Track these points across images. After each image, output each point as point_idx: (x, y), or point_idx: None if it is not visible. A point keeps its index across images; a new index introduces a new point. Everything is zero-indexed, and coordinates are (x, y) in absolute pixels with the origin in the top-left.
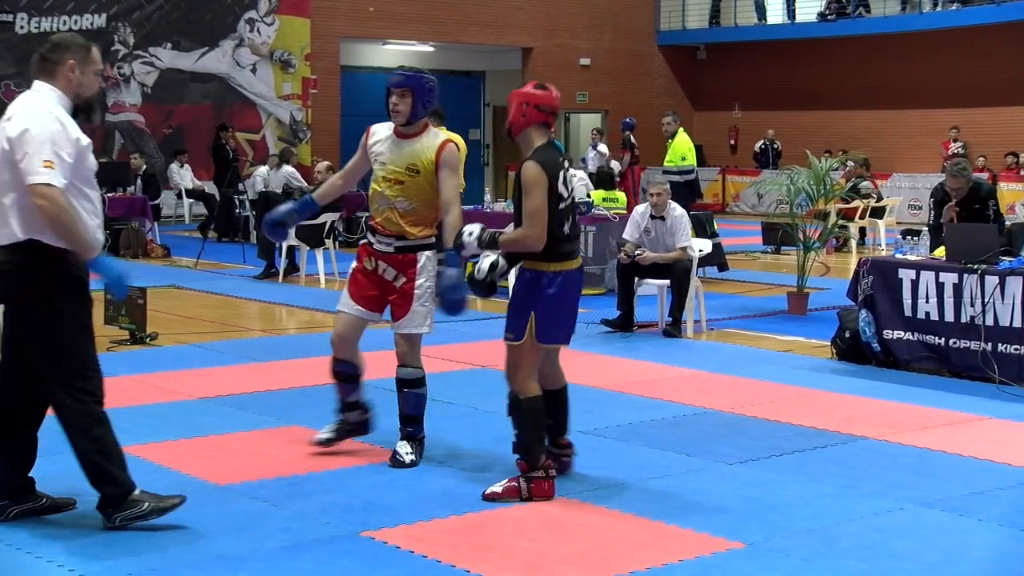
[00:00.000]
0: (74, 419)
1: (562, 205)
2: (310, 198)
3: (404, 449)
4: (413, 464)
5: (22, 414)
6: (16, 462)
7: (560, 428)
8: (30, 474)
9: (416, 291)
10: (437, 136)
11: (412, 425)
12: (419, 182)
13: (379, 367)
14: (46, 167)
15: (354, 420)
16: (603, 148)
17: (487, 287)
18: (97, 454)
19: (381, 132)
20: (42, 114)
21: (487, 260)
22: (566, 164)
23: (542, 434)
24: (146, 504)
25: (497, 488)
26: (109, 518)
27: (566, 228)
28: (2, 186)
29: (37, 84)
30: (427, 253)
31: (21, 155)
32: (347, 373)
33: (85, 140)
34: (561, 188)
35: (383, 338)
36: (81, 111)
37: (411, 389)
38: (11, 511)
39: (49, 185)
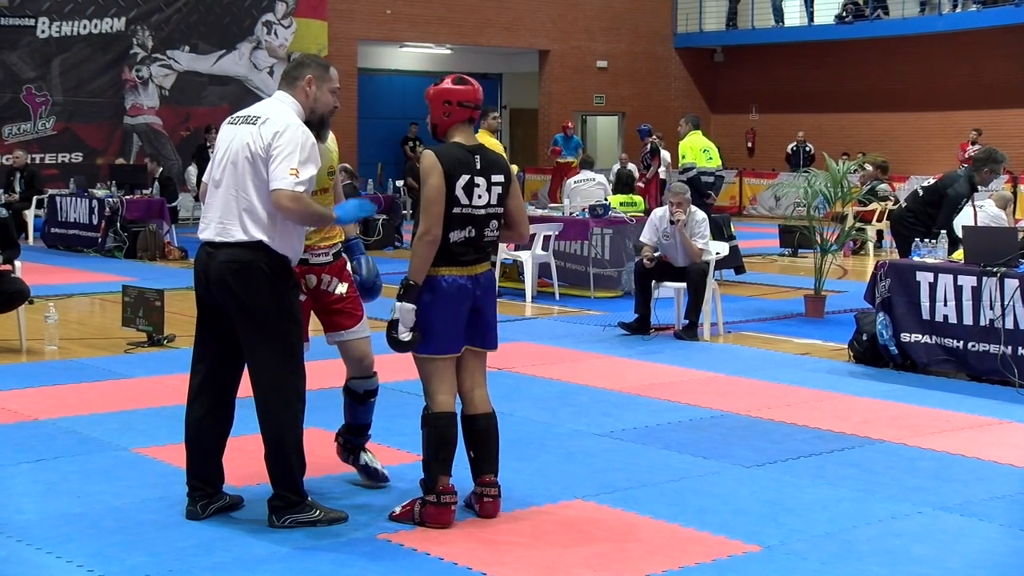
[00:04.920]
0: (283, 413)
1: (456, 210)
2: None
3: (376, 463)
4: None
5: (230, 406)
6: (218, 452)
7: (480, 463)
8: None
9: (356, 294)
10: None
11: (367, 432)
12: (336, 183)
13: (392, 370)
14: (292, 174)
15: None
16: (666, 156)
17: (416, 342)
18: (296, 454)
19: None
20: (294, 122)
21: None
22: (480, 167)
23: (443, 454)
24: (317, 511)
25: (397, 509)
26: (280, 518)
27: (456, 235)
28: (240, 185)
29: (281, 95)
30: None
31: (274, 156)
32: None
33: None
34: (459, 193)
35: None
36: (312, 126)
37: (375, 399)
38: (209, 508)
39: (293, 191)
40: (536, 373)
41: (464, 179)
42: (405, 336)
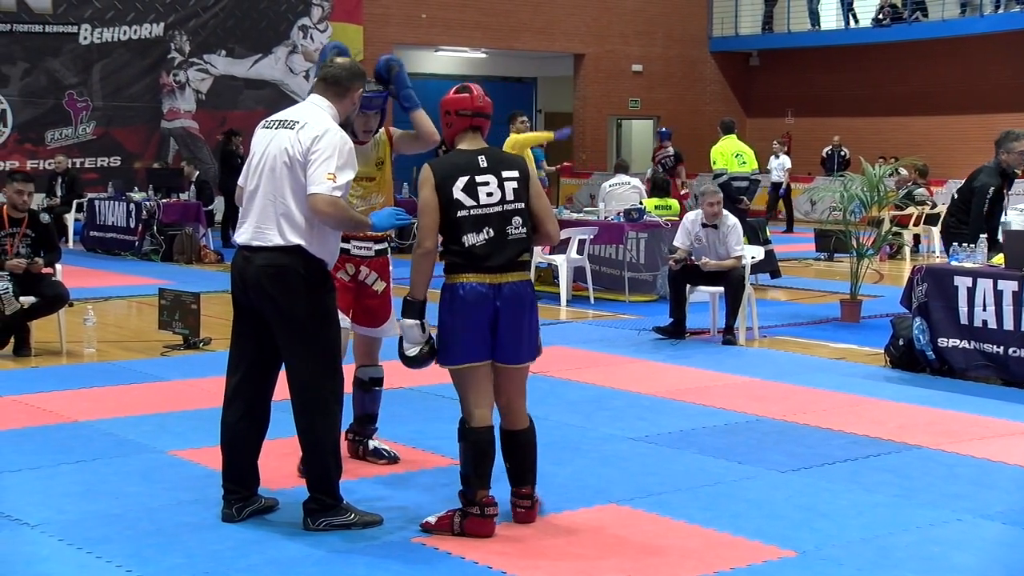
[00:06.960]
0: (320, 416)
1: (462, 213)
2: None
3: (384, 445)
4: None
5: (266, 409)
6: (254, 454)
7: (518, 476)
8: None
9: (390, 296)
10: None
11: (374, 423)
12: (384, 173)
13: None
14: (329, 179)
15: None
16: (785, 159)
17: (424, 357)
18: (332, 457)
19: None
20: (332, 127)
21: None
22: (486, 165)
23: (482, 469)
24: (352, 515)
25: (432, 519)
26: (315, 521)
27: (469, 239)
28: (278, 190)
29: (318, 99)
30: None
31: (313, 160)
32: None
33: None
34: (460, 194)
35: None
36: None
37: (381, 388)
38: (244, 510)
39: (330, 196)
40: (571, 377)
41: (462, 181)
42: (411, 351)
